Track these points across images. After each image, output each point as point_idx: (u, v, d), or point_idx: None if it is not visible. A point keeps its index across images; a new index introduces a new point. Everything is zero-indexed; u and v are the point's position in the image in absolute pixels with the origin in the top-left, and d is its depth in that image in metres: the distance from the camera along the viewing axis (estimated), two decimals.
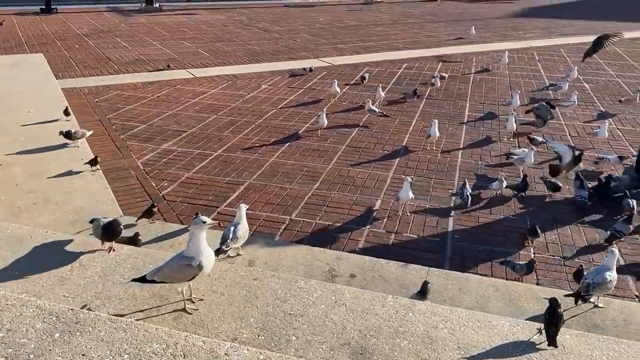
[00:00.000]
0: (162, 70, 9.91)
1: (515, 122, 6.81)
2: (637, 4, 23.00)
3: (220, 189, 5.29)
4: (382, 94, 8.05)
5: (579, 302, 3.29)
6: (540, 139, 6.45)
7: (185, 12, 17.70)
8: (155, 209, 4.51)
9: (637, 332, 3.14)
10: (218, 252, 3.52)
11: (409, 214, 4.88)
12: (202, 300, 2.97)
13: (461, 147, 6.54)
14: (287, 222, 4.69)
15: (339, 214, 4.87)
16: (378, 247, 4.35)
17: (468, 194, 4.98)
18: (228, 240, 3.63)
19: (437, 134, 6.34)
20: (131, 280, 2.96)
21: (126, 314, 2.83)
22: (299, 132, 6.91)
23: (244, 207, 3.87)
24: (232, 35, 13.79)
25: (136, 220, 4.39)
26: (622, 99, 8.21)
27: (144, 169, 5.69)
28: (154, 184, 5.34)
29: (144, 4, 17.95)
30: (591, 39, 13.83)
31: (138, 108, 7.75)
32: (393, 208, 4.98)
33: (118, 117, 7.31)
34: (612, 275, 3.26)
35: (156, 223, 4.45)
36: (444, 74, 9.51)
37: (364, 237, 4.48)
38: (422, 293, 3.25)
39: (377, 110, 7.40)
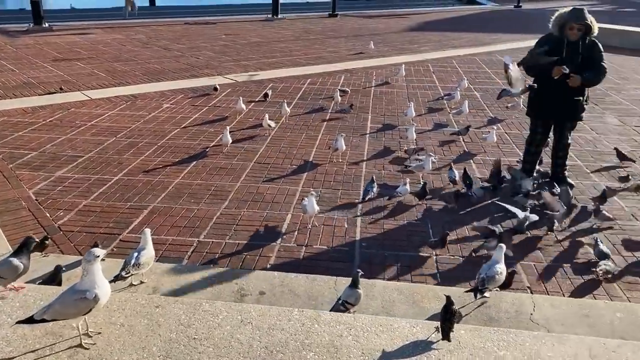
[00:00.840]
0: (54, 93, 9.36)
1: (414, 131, 7.15)
2: (517, 19, 25.10)
3: (122, 214, 5.07)
4: (288, 109, 8.14)
5: (478, 296, 3.50)
6: (413, 147, 6.85)
7: (78, 31, 16.85)
8: (47, 242, 4.22)
9: (527, 322, 3.39)
10: (117, 278, 3.36)
11: (317, 225, 4.95)
12: (99, 333, 2.81)
13: (365, 158, 6.74)
14: (195, 244, 4.59)
15: (250, 231, 4.84)
16: (289, 261, 4.37)
17: (372, 190, 5.31)
18: (129, 267, 3.48)
19: (343, 147, 6.51)
20: (17, 323, 2.74)
21: (15, 357, 2.62)
22: (205, 151, 6.80)
23: (148, 232, 3.75)
24: (131, 54, 13.33)
25: None
26: (509, 105, 8.87)
27: (36, 199, 5.33)
28: (48, 215, 5.02)
29: (31, 24, 16.85)
30: (479, 50, 14.98)
31: (28, 134, 7.25)
32: (303, 221, 5.03)
33: (5, 146, 6.80)
34: (501, 268, 3.51)
35: (50, 256, 4.17)
36: (346, 88, 9.77)
37: (275, 253, 4.48)
38: (354, 286, 3.30)
39: (273, 124, 7.50)
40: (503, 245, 3.64)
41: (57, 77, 10.51)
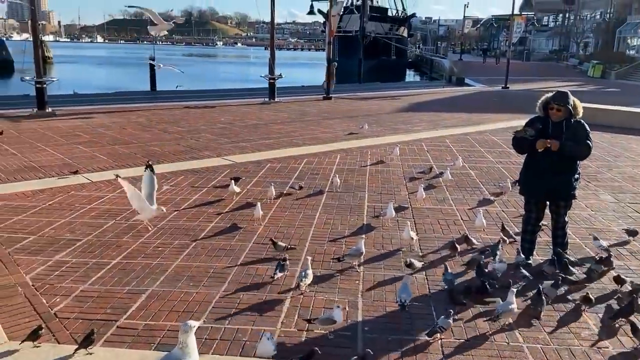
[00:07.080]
0: (63, 177, 9.36)
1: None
2: (505, 99, 26.08)
3: (120, 300, 4.99)
4: (273, 191, 8.14)
5: None
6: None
7: (80, 116, 17.30)
8: (42, 331, 4.09)
9: None
10: None
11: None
12: None
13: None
14: None
15: (249, 314, 4.77)
16: (289, 346, 4.29)
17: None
18: None
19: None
20: None
21: None
22: (204, 232, 6.80)
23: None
24: (131, 137, 13.62)
25: (20, 344, 3.97)
26: (501, 184, 8.97)
27: (33, 285, 5.25)
28: (44, 301, 4.92)
29: (35, 109, 17.32)
30: (470, 129, 15.45)
31: (27, 218, 7.25)
32: (304, 304, 4.96)
33: (4, 230, 6.77)
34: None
35: (44, 345, 4.05)
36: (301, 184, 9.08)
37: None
38: None
39: (238, 189, 8.20)
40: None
41: (59, 161, 10.64)
